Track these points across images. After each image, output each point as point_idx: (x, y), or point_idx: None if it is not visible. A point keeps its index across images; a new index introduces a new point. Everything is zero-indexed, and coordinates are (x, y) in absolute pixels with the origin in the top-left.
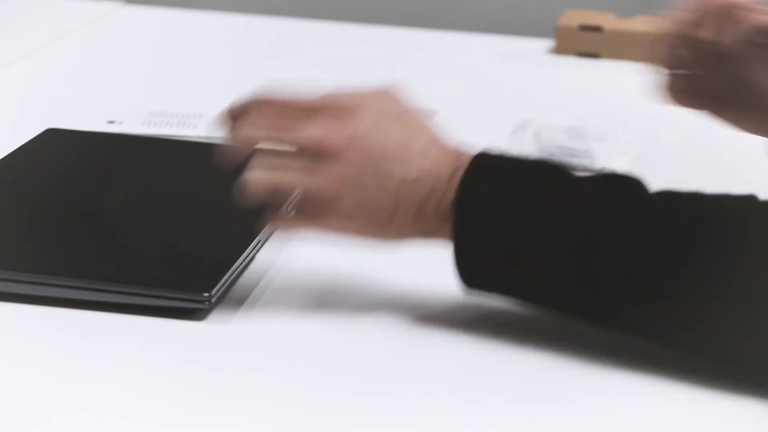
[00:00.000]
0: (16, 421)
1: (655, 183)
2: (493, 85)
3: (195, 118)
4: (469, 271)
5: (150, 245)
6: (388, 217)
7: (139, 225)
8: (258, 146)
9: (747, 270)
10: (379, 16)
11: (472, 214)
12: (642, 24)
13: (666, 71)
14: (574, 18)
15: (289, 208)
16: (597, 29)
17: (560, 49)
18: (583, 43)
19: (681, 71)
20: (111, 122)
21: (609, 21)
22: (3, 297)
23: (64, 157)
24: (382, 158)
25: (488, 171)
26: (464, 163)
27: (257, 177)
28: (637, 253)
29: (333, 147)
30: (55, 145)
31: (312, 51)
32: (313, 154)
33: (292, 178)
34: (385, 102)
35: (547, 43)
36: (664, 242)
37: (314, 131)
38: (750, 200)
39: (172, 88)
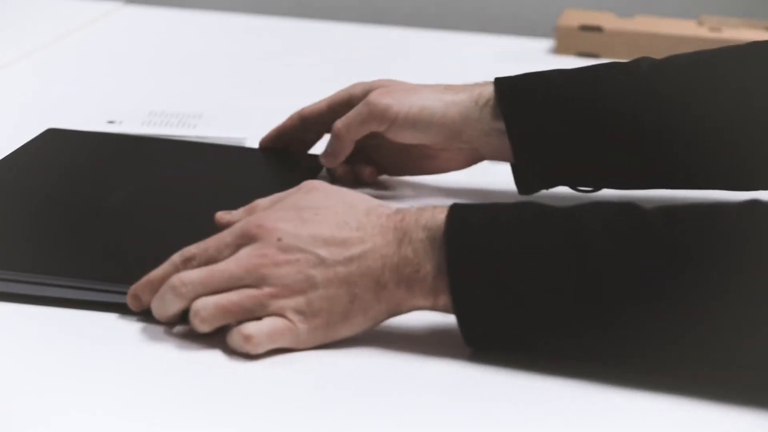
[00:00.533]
0: (16, 422)
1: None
2: None
3: (195, 118)
4: (476, 333)
5: (150, 246)
6: (349, 302)
7: (139, 225)
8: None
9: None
10: (379, 16)
11: (469, 275)
12: (642, 24)
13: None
14: (574, 18)
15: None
16: (597, 29)
17: (560, 49)
18: (583, 43)
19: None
20: (111, 122)
21: (609, 21)
22: (3, 297)
23: (64, 157)
24: (317, 249)
25: (469, 227)
26: (411, 224)
27: (197, 322)
28: (645, 278)
29: (264, 264)
30: (55, 145)
31: (312, 51)
32: (245, 281)
33: (238, 305)
34: (297, 200)
35: (547, 43)
36: (673, 258)
37: (239, 257)
38: (754, 205)
39: (172, 88)
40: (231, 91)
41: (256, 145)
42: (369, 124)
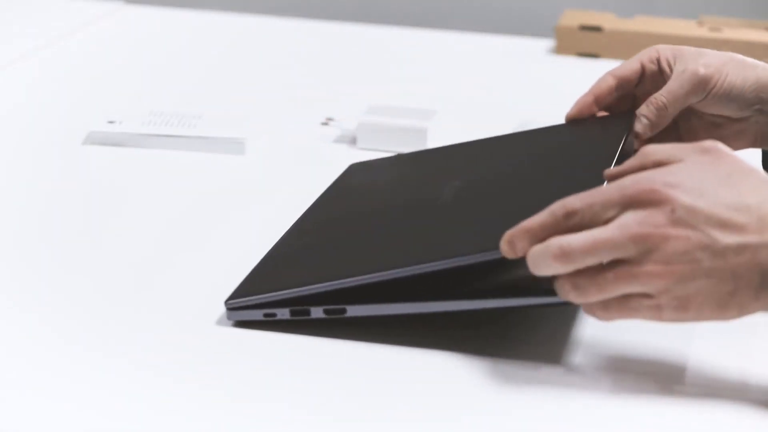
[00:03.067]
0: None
1: None
2: (493, 85)
3: (195, 118)
4: None
5: (506, 217)
6: (728, 294)
7: (485, 206)
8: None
9: None
10: (379, 16)
11: None
12: (642, 24)
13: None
14: (574, 18)
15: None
16: (597, 29)
17: (560, 49)
18: (583, 43)
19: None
20: (111, 122)
21: (609, 21)
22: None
23: (378, 179)
24: (711, 229)
25: None
26: None
27: (571, 295)
28: None
29: (652, 235)
30: (363, 174)
31: (312, 51)
32: (628, 251)
33: (614, 284)
34: (699, 167)
35: (547, 43)
36: None
37: (625, 224)
38: None
39: (172, 88)
40: (231, 91)
41: (257, 145)
42: (690, 97)
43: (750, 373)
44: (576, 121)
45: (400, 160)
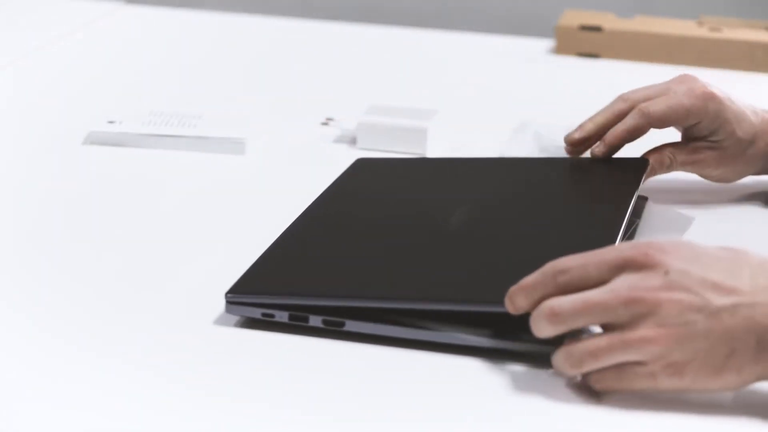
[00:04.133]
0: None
1: (656, 181)
2: (493, 85)
3: (195, 118)
4: None
5: (517, 264)
6: (725, 357)
7: (495, 244)
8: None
9: None
10: (380, 16)
11: None
12: (642, 24)
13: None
14: (574, 18)
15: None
16: (597, 29)
17: (560, 49)
18: (583, 43)
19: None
20: (111, 122)
21: (609, 21)
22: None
23: (383, 184)
24: (704, 291)
25: None
26: None
27: (566, 367)
28: None
29: (645, 298)
30: (369, 174)
31: (312, 51)
32: (620, 315)
33: (608, 351)
34: (694, 243)
35: (547, 43)
36: None
37: (617, 287)
38: None
39: (172, 88)
40: (231, 91)
41: (257, 145)
42: (693, 170)
43: None
44: (594, 160)
45: (409, 164)
